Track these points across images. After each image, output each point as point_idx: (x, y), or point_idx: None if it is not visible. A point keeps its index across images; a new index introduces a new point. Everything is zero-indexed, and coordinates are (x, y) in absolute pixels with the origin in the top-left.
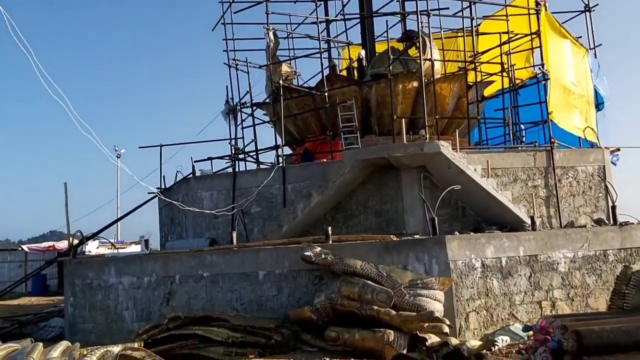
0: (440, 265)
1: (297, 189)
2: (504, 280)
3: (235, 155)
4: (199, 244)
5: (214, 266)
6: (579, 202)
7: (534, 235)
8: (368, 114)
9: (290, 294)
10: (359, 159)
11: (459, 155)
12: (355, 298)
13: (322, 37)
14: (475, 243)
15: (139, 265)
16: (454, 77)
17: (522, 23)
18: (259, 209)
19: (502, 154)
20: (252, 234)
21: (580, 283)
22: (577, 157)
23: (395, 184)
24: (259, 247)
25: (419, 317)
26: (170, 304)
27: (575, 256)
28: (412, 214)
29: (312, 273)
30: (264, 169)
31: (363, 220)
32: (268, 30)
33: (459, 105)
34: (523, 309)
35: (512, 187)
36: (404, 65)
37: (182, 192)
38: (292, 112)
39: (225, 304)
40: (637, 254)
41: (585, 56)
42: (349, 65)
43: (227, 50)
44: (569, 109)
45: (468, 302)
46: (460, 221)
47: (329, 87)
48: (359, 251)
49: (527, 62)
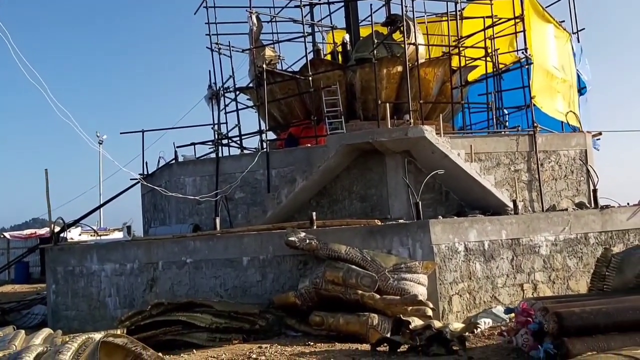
0: (424, 249)
1: (281, 174)
2: (487, 263)
3: (219, 141)
4: (182, 230)
5: (197, 252)
6: (561, 185)
7: (516, 219)
8: (352, 98)
9: (274, 280)
10: (343, 143)
11: (443, 140)
12: (339, 283)
13: (306, 21)
14: (459, 227)
15: (121, 252)
16: (438, 62)
17: (506, 7)
18: (242, 194)
19: (486, 138)
20: (236, 220)
21: (561, 266)
22: (559, 142)
23: (380, 168)
24: (243, 233)
25: (402, 300)
26: (154, 290)
27: (556, 239)
28: (396, 199)
29: (297, 258)
30: (247, 154)
31: (348, 205)
32: (251, 13)
33: (443, 90)
34: (505, 291)
35: (495, 172)
36: (388, 50)
37: (165, 178)
38: (276, 96)
39: (209, 290)
40: (617, 236)
41: (568, 40)
42: (334, 50)
43: (209, 34)
44: (552, 93)
45: (451, 285)
46: (444, 205)
47: (313, 72)
48: (343, 236)
49: (511, 47)
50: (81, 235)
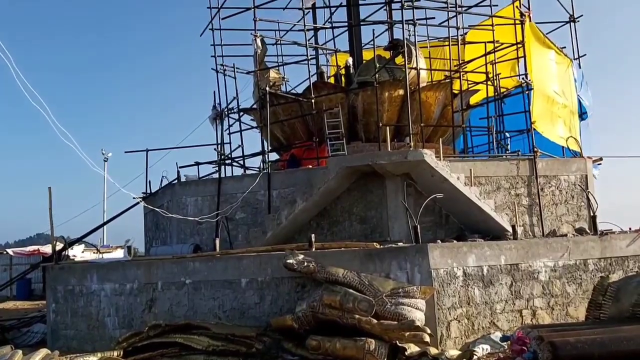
0: (422, 273)
1: (282, 195)
2: (485, 288)
3: (222, 161)
4: (182, 250)
5: (197, 273)
6: (561, 210)
7: (515, 244)
8: (354, 120)
9: (272, 302)
10: (343, 165)
11: (442, 164)
12: (337, 306)
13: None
14: (457, 252)
15: (121, 272)
16: (439, 86)
17: (508, 33)
18: (243, 215)
19: (486, 162)
20: (237, 241)
21: (560, 292)
22: (559, 167)
23: (380, 191)
24: (242, 254)
25: (399, 326)
26: (153, 311)
27: (555, 265)
28: (396, 221)
29: (295, 281)
30: (249, 175)
31: (348, 227)
32: (256, 37)
33: (445, 114)
34: (504, 317)
35: (495, 196)
36: (390, 74)
37: (167, 198)
38: (279, 118)
39: (208, 312)
40: (616, 263)
41: (570, 66)
42: (337, 73)
43: (215, 55)
44: (552, 118)
45: (449, 310)
46: (444, 229)
47: (315, 94)
48: (342, 259)
49: (513, 72)
50: (84, 253)
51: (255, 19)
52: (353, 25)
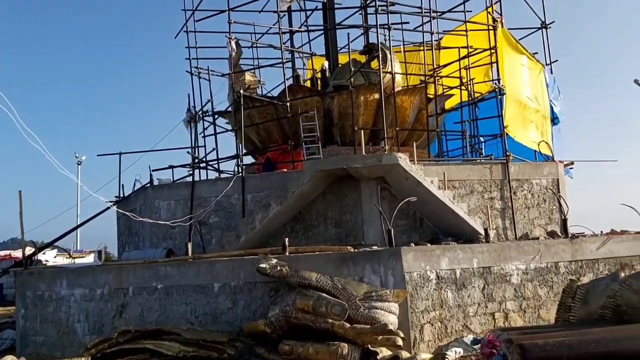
0: (395, 277)
1: (256, 199)
2: (458, 291)
3: (196, 164)
4: (155, 254)
5: (169, 278)
6: (534, 214)
7: (487, 247)
8: (330, 124)
9: (245, 307)
10: (318, 169)
11: (417, 167)
12: (309, 311)
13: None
14: (431, 255)
15: (91, 277)
16: (414, 90)
17: (482, 39)
18: (217, 219)
19: (460, 166)
20: (210, 245)
21: (532, 295)
22: (531, 170)
23: (355, 194)
24: (215, 259)
25: (372, 329)
26: (124, 316)
27: (527, 268)
28: (371, 225)
29: (268, 285)
30: (223, 178)
31: (323, 230)
32: (230, 39)
33: (420, 118)
34: (477, 320)
35: (468, 199)
36: (365, 77)
37: (140, 202)
38: (254, 121)
39: (180, 317)
40: (587, 266)
41: (542, 71)
42: (313, 76)
43: (189, 58)
44: (524, 122)
45: (423, 314)
46: (418, 232)
47: (291, 97)
48: (316, 263)
49: (487, 77)
50: (56, 258)
51: (230, 22)
52: (329, 28)
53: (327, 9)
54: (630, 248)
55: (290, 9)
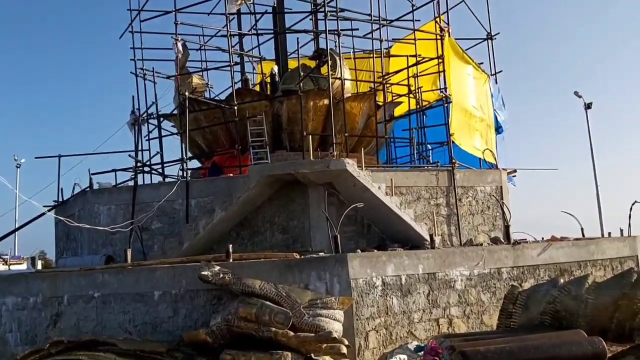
0: (341, 283)
1: (201, 205)
2: (404, 298)
3: (139, 168)
4: (94, 261)
5: (106, 286)
6: (478, 220)
7: (432, 253)
8: (279, 129)
9: (187, 315)
10: (265, 174)
11: (364, 173)
12: (252, 319)
13: (234, 51)
14: (377, 261)
15: (24, 285)
16: (364, 97)
17: (431, 48)
18: (160, 225)
19: (407, 172)
20: (152, 251)
21: (475, 300)
22: (476, 178)
23: (303, 200)
24: (155, 266)
25: (316, 338)
26: (58, 326)
27: (471, 274)
28: (318, 231)
29: (211, 293)
30: (166, 182)
31: (269, 237)
32: (177, 40)
33: (369, 124)
34: (421, 326)
35: (415, 205)
36: (315, 83)
37: (79, 206)
38: (200, 124)
39: (117, 326)
40: (528, 272)
41: (487, 81)
42: (262, 81)
43: (134, 59)
44: (470, 131)
45: (368, 321)
46: (366, 238)
47: (239, 101)
48: (260, 270)
49: (434, 85)
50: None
51: (177, 23)
52: (279, 32)
53: (277, 13)
54: (569, 254)
55: (239, 12)
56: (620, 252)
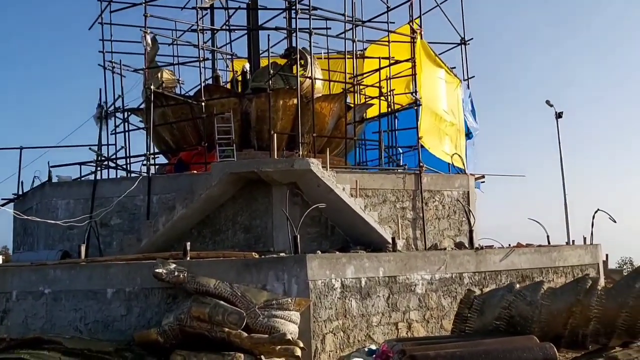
0: (299, 284)
1: (163, 201)
2: (363, 300)
3: (101, 162)
4: (49, 257)
5: (58, 282)
6: (444, 225)
7: (393, 256)
8: (248, 127)
9: (140, 314)
10: (227, 172)
11: (329, 174)
12: (205, 319)
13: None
14: (336, 263)
15: None
16: (334, 97)
17: (405, 51)
18: (119, 220)
19: (373, 175)
20: (110, 248)
21: (436, 305)
22: (443, 182)
23: (266, 199)
24: (110, 262)
25: (270, 339)
26: (5, 323)
27: (432, 278)
28: (281, 231)
29: (166, 292)
30: (127, 178)
31: (231, 236)
32: (145, 33)
33: (339, 126)
34: (380, 330)
35: (381, 208)
36: (285, 82)
37: (36, 200)
38: (168, 120)
39: (68, 324)
40: (490, 277)
41: (459, 86)
42: (233, 78)
43: (103, 51)
44: (440, 135)
45: (325, 323)
46: (330, 240)
47: (207, 97)
48: (218, 269)
49: (407, 89)
50: None
51: (146, 15)
52: (251, 29)
53: (250, 9)
54: (530, 261)
55: (212, 7)
56: (582, 259)
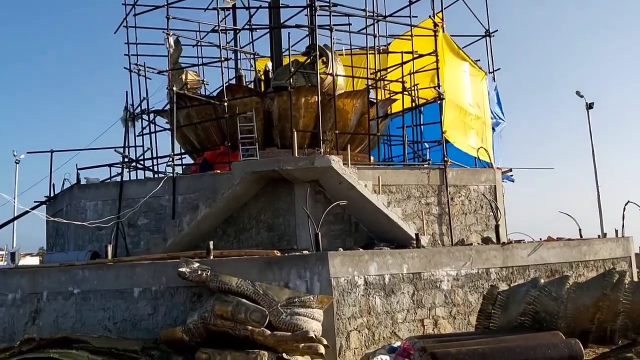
0: (322, 282)
1: (187, 201)
2: (387, 298)
3: (127, 164)
4: (79, 257)
5: (86, 282)
6: (471, 220)
7: (417, 252)
8: (270, 126)
9: (167, 313)
10: (249, 171)
11: (350, 170)
12: (229, 317)
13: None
14: (359, 260)
15: (2, 281)
16: (356, 94)
17: (430, 45)
18: (146, 221)
19: (397, 171)
20: (138, 248)
21: (462, 301)
22: (469, 176)
23: (289, 197)
24: (135, 262)
25: (293, 337)
26: (37, 323)
27: (458, 274)
28: (304, 229)
29: (191, 290)
30: (153, 178)
31: (255, 234)
32: (168, 35)
33: (362, 122)
34: (405, 327)
35: (405, 204)
36: (306, 79)
37: (66, 202)
38: (192, 120)
39: (97, 324)
40: (518, 272)
41: (484, 79)
42: (256, 77)
43: (129, 54)
44: (465, 129)
45: (349, 320)
46: (353, 237)
47: (230, 97)
48: (240, 267)
49: (432, 83)
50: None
51: (168, 17)
52: (273, 27)
53: (272, 8)
54: (560, 255)
55: (235, 7)
56: (613, 252)
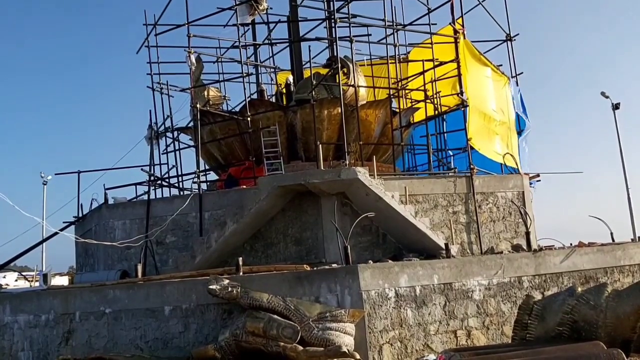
0: (352, 295)
1: (214, 217)
2: (418, 309)
3: (152, 182)
4: (109, 277)
5: (117, 302)
6: (499, 227)
7: (448, 262)
8: (294, 139)
9: (198, 330)
10: (275, 185)
11: (376, 182)
12: (260, 334)
13: (250, 61)
14: (389, 272)
15: (36, 302)
16: (379, 104)
17: (451, 52)
18: (174, 238)
19: (423, 180)
20: (166, 265)
21: (495, 311)
22: (496, 183)
23: (315, 211)
24: (165, 280)
25: (325, 352)
26: (70, 343)
27: (490, 283)
28: (332, 242)
29: (221, 307)
30: (179, 196)
31: (283, 249)
32: (190, 53)
33: (385, 132)
34: (438, 339)
35: (432, 213)
36: (328, 91)
37: (94, 222)
38: (216, 136)
39: (129, 343)
40: (551, 280)
41: (507, 84)
42: (277, 91)
43: (151, 73)
44: (490, 135)
45: (381, 333)
46: (382, 248)
47: (252, 112)
48: (270, 283)
49: (454, 90)
50: (17, 281)
51: (189, 35)
52: (293, 41)
53: (290, 22)
54: (593, 261)
55: (254, 22)
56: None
